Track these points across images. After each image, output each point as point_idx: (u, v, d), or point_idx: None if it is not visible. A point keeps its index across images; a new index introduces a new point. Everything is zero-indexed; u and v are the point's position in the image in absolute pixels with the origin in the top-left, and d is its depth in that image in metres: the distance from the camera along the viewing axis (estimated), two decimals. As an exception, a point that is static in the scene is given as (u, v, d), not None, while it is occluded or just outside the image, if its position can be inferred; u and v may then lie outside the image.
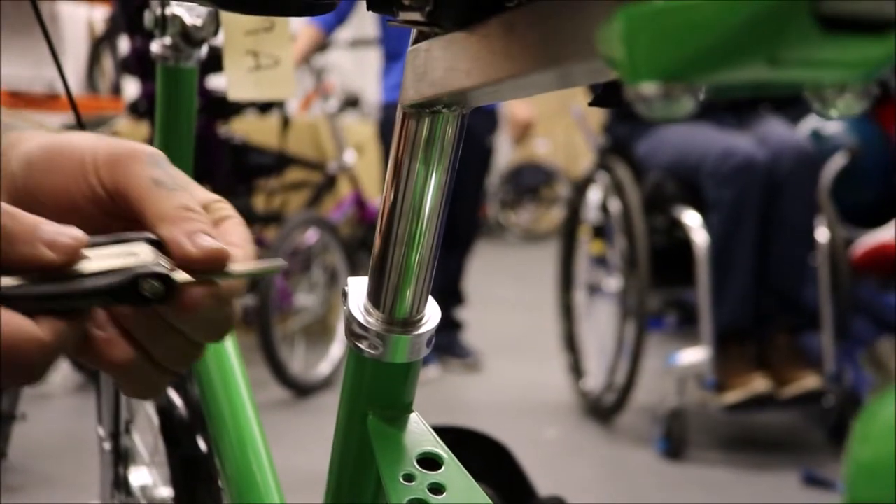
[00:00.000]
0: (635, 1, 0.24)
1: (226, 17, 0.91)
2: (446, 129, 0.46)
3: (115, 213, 0.46)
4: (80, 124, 0.89)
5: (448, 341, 3.83)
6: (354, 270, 3.89)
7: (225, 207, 0.49)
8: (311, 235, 3.78)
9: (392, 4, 0.42)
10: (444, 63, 0.41)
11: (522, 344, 4.43)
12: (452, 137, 0.47)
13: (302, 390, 3.48)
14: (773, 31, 0.22)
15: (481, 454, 0.83)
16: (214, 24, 0.92)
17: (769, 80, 0.24)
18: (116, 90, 5.37)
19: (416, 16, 0.41)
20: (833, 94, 0.26)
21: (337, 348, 3.70)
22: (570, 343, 3.53)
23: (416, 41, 0.44)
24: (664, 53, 0.23)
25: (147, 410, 1.10)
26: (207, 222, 0.46)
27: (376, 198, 4.50)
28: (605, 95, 0.43)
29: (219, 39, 0.95)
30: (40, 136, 0.48)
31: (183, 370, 0.49)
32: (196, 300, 0.43)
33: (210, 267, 0.44)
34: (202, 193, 0.49)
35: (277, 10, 0.50)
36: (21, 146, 0.47)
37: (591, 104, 0.45)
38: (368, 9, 0.44)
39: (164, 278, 0.42)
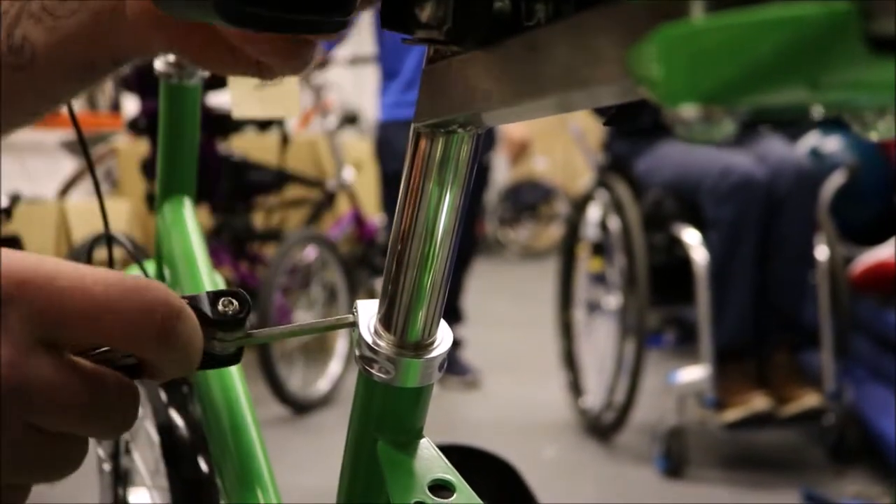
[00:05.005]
0: (671, 20, 0.23)
1: (230, 34, 0.91)
2: (461, 149, 0.45)
3: None
4: (81, 140, 0.88)
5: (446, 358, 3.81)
6: (353, 288, 3.89)
7: None
8: (310, 252, 3.77)
9: (408, 23, 0.41)
10: (461, 83, 0.40)
11: (521, 361, 4.41)
12: (467, 157, 0.46)
13: (300, 407, 3.46)
14: (819, 52, 0.21)
15: (488, 474, 0.82)
16: (218, 41, 0.91)
17: (808, 103, 0.24)
18: (116, 107, 5.37)
19: (433, 34, 0.40)
20: (873, 117, 0.25)
21: (335, 365, 3.69)
22: (570, 361, 3.52)
23: (432, 60, 0.43)
24: (703, 75, 0.22)
25: (148, 430, 1.09)
26: None
27: (375, 215, 4.50)
28: (620, 115, 0.43)
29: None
30: None
31: None
32: None
33: None
34: None
35: (284, 28, 0.49)
36: None
37: (605, 124, 0.44)
38: (382, 27, 0.43)
39: None
